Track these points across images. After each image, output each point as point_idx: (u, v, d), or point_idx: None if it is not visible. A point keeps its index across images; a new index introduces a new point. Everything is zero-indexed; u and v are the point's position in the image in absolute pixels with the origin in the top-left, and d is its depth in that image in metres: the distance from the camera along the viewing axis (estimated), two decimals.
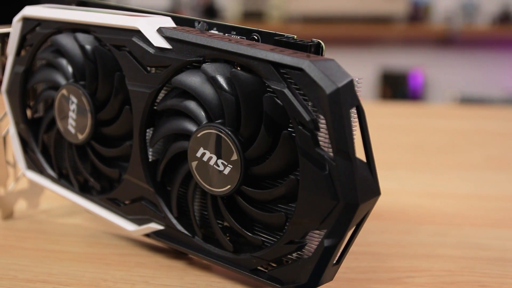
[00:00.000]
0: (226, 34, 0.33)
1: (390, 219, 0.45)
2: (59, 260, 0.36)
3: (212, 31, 0.33)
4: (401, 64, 2.21)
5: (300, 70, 0.27)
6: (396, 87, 2.17)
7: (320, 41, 0.30)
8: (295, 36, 0.31)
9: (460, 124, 0.84)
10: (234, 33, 0.33)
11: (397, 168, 0.60)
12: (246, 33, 0.33)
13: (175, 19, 0.33)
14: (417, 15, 2.14)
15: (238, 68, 0.30)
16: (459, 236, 0.41)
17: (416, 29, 2.12)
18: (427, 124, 0.84)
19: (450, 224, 0.44)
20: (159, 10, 0.36)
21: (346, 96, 0.27)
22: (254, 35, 0.32)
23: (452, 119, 0.88)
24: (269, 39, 0.32)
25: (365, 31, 2.06)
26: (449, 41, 2.17)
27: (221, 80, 0.30)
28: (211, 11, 2.23)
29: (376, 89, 2.25)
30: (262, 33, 0.32)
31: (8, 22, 0.39)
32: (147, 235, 0.36)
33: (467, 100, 1.92)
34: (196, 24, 0.33)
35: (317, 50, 0.30)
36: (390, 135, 0.76)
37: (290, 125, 0.29)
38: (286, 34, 0.31)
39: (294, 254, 0.30)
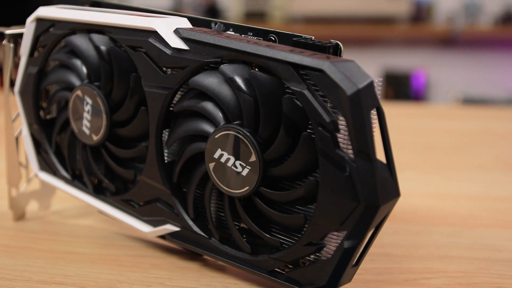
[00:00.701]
0: (243, 35, 0.33)
1: (403, 220, 0.44)
2: (73, 262, 0.36)
3: (229, 32, 0.33)
4: (404, 65, 2.21)
5: (321, 71, 0.27)
6: (399, 88, 2.17)
7: (338, 42, 0.30)
8: (313, 37, 0.31)
9: (465, 125, 0.84)
10: (251, 34, 0.33)
11: (406, 169, 0.60)
12: (263, 34, 0.32)
13: (191, 20, 0.33)
14: (420, 15, 2.14)
15: (256, 69, 0.30)
16: (473, 238, 0.41)
17: (418, 30, 2.12)
18: (433, 125, 0.84)
19: (462, 225, 0.44)
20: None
21: (367, 97, 0.27)
22: (271, 36, 0.32)
23: (457, 120, 0.88)
24: (287, 40, 0.32)
25: (368, 32, 2.06)
26: (451, 41, 2.17)
27: (240, 81, 0.30)
28: (213, 11, 2.23)
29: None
30: (280, 34, 0.32)
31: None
32: (162, 236, 0.35)
33: (470, 101, 1.92)
34: (212, 25, 0.33)
35: (336, 51, 0.30)
36: (397, 136, 0.76)
37: (309, 126, 0.29)
38: (304, 35, 0.31)
39: (312, 256, 0.30)
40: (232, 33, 0.33)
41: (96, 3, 0.38)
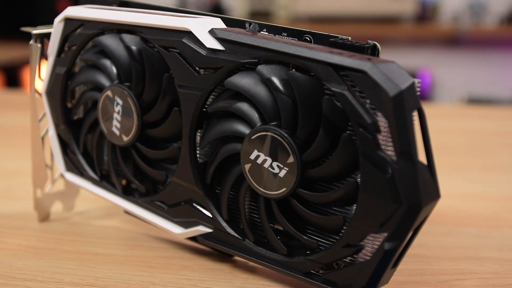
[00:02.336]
0: (277, 36, 0.32)
1: (429, 221, 0.44)
2: (103, 263, 0.36)
3: (263, 33, 0.33)
4: (409, 64, 2.20)
5: (363, 72, 0.27)
6: None
7: (376, 43, 0.30)
8: (350, 38, 0.31)
9: (477, 125, 0.84)
10: (285, 34, 0.33)
11: None
12: (297, 35, 0.32)
13: (224, 20, 0.33)
14: (425, 15, 2.14)
15: (293, 70, 0.30)
16: (501, 239, 0.41)
17: (423, 29, 2.12)
18: (443, 125, 0.84)
19: (489, 226, 0.44)
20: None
21: (409, 98, 0.27)
22: (307, 36, 0.32)
23: (467, 120, 0.88)
24: (322, 40, 0.31)
25: (372, 31, 2.06)
26: (456, 41, 2.17)
27: (278, 82, 0.29)
28: (217, 10, 2.22)
29: None
30: (315, 34, 0.32)
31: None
32: (192, 238, 0.35)
33: (475, 101, 1.92)
34: (247, 25, 0.33)
35: (373, 51, 0.30)
36: None
37: (348, 127, 0.28)
38: (340, 36, 0.31)
39: (348, 257, 0.30)
40: (266, 33, 0.33)
41: (125, 2, 0.38)
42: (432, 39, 2.20)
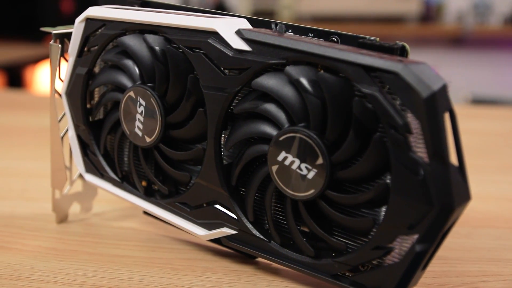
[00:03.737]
0: (303, 36, 0.32)
1: None
2: (125, 265, 0.36)
3: (288, 33, 0.33)
4: None
5: (395, 73, 0.27)
6: None
7: (404, 43, 0.30)
8: (378, 39, 0.31)
9: (487, 125, 0.84)
10: (311, 35, 0.32)
11: None
12: (324, 35, 0.32)
13: (249, 21, 0.33)
14: (429, 15, 2.14)
15: (321, 71, 0.29)
16: None
17: (428, 29, 2.12)
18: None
19: (509, 228, 0.43)
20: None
21: (441, 99, 0.26)
22: (334, 37, 0.32)
23: (476, 120, 0.88)
24: (350, 41, 0.31)
25: (377, 31, 2.05)
26: (461, 41, 2.17)
27: (306, 83, 0.29)
28: (221, 10, 2.22)
29: None
30: (342, 35, 0.32)
31: None
32: (215, 239, 0.35)
33: (479, 101, 1.91)
34: (273, 26, 0.33)
35: (402, 52, 0.30)
36: None
37: (378, 128, 0.28)
38: (368, 37, 0.31)
39: (376, 259, 0.30)
40: (291, 34, 0.33)
41: (145, 2, 0.38)
42: (436, 39, 2.20)
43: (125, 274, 0.34)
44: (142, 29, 0.35)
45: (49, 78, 0.39)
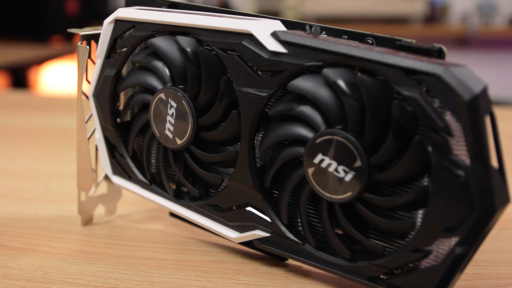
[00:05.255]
0: (337, 38, 0.32)
1: None
2: (156, 268, 0.36)
3: (322, 35, 0.33)
4: None
5: (436, 76, 0.27)
6: None
7: (441, 46, 0.30)
8: (414, 41, 0.31)
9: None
10: (346, 37, 0.32)
11: None
12: (359, 37, 0.32)
13: (283, 23, 0.33)
14: (434, 15, 2.14)
15: (359, 73, 0.29)
16: None
17: (432, 30, 2.12)
18: None
19: None
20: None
21: (483, 102, 0.27)
22: (369, 39, 0.32)
23: None
24: (386, 43, 0.31)
25: (381, 32, 2.04)
26: (466, 41, 2.17)
27: (345, 85, 0.29)
28: None
29: None
30: (377, 37, 0.32)
31: None
32: (246, 242, 0.35)
33: None
34: (307, 27, 0.33)
35: (440, 55, 0.30)
36: None
37: (418, 131, 0.28)
38: (404, 39, 0.31)
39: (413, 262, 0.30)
40: (325, 36, 0.33)
41: (174, 4, 0.38)
42: (441, 39, 2.20)
43: (157, 277, 0.34)
44: (172, 30, 0.35)
45: (76, 80, 0.39)
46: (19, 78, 1.82)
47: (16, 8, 1.90)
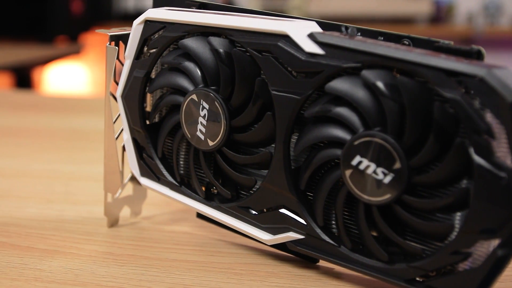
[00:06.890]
0: (374, 40, 0.32)
1: None
2: (187, 270, 0.35)
3: (358, 37, 0.32)
4: None
5: (478, 78, 0.27)
6: None
7: (480, 47, 0.30)
8: (452, 42, 0.31)
9: None
10: (382, 38, 0.32)
11: None
12: (395, 39, 0.32)
13: (318, 24, 0.33)
14: (440, 15, 2.14)
15: (398, 75, 0.29)
16: None
17: (438, 30, 2.12)
18: None
19: None
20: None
21: None
22: (405, 40, 0.32)
23: None
24: (423, 44, 0.31)
25: None
26: (471, 41, 2.17)
27: (384, 87, 0.29)
28: None
29: None
30: (414, 38, 0.32)
31: None
32: (278, 244, 0.35)
33: None
34: (343, 29, 0.32)
35: (479, 56, 0.30)
36: None
37: (459, 133, 0.28)
38: (442, 40, 0.31)
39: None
40: (361, 37, 0.32)
41: (203, 5, 0.37)
42: (446, 39, 2.20)
43: (189, 279, 0.34)
44: (204, 31, 0.35)
45: (104, 81, 0.39)
46: (24, 78, 1.82)
47: (21, 8, 1.89)
